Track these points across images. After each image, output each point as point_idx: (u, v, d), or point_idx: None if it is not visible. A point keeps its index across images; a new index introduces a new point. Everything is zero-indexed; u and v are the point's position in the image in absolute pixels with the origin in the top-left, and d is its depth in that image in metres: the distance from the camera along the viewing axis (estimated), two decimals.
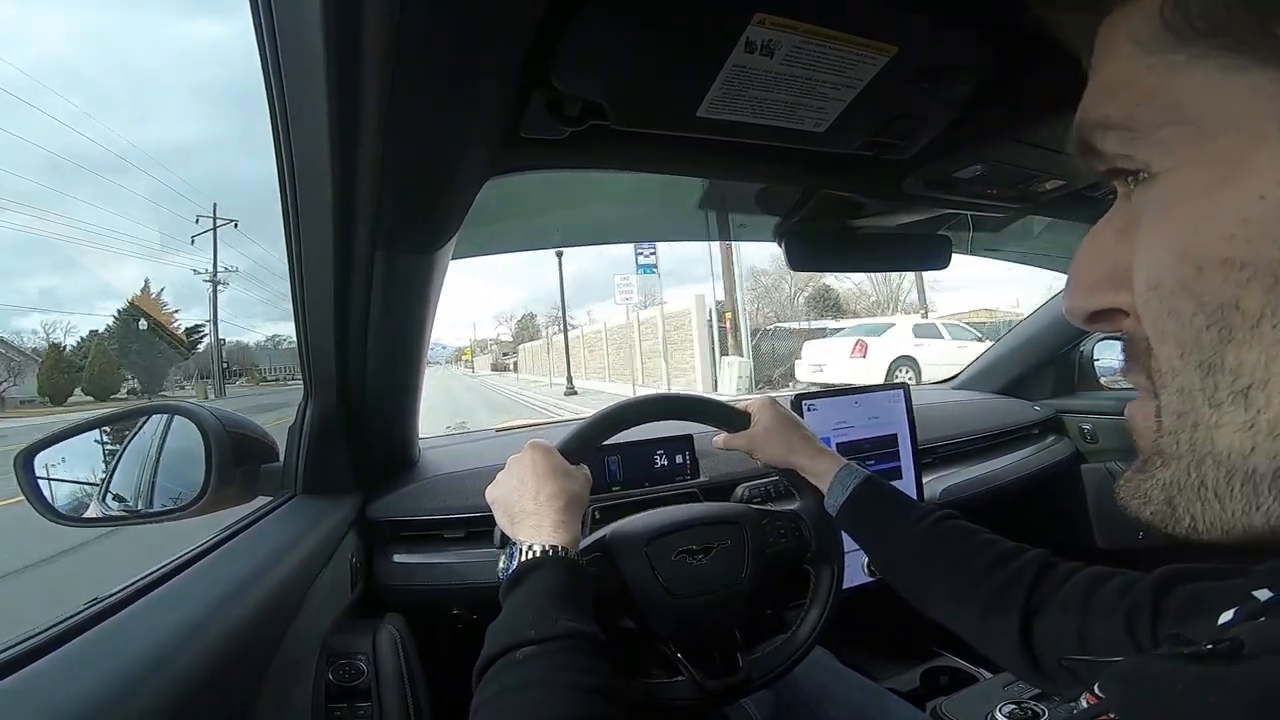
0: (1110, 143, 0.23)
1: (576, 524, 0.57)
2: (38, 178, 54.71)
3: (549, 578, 0.50)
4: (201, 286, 30.04)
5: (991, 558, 0.53)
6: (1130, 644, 0.41)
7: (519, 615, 0.48)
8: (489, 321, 71.53)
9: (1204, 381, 0.21)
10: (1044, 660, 0.48)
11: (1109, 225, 0.25)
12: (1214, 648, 0.23)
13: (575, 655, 0.45)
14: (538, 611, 0.48)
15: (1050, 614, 0.48)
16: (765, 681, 0.66)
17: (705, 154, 0.59)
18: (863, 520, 0.64)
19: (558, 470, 0.59)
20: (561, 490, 0.57)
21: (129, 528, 0.80)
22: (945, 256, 0.92)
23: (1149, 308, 0.22)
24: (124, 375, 34.29)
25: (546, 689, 0.42)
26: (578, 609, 0.49)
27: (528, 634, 0.45)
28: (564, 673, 0.43)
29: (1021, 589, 0.50)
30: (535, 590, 0.50)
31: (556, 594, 0.49)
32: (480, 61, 0.38)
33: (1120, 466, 1.32)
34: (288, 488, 0.78)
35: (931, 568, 0.58)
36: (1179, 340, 0.21)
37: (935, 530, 0.59)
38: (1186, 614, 0.39)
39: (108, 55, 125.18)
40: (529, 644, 0.45)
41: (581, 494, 0.60)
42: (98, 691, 0.37)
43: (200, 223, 33.58)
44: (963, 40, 0.45)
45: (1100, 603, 0.45)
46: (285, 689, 0.57)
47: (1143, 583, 0.43)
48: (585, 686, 0.43)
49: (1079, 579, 0.48)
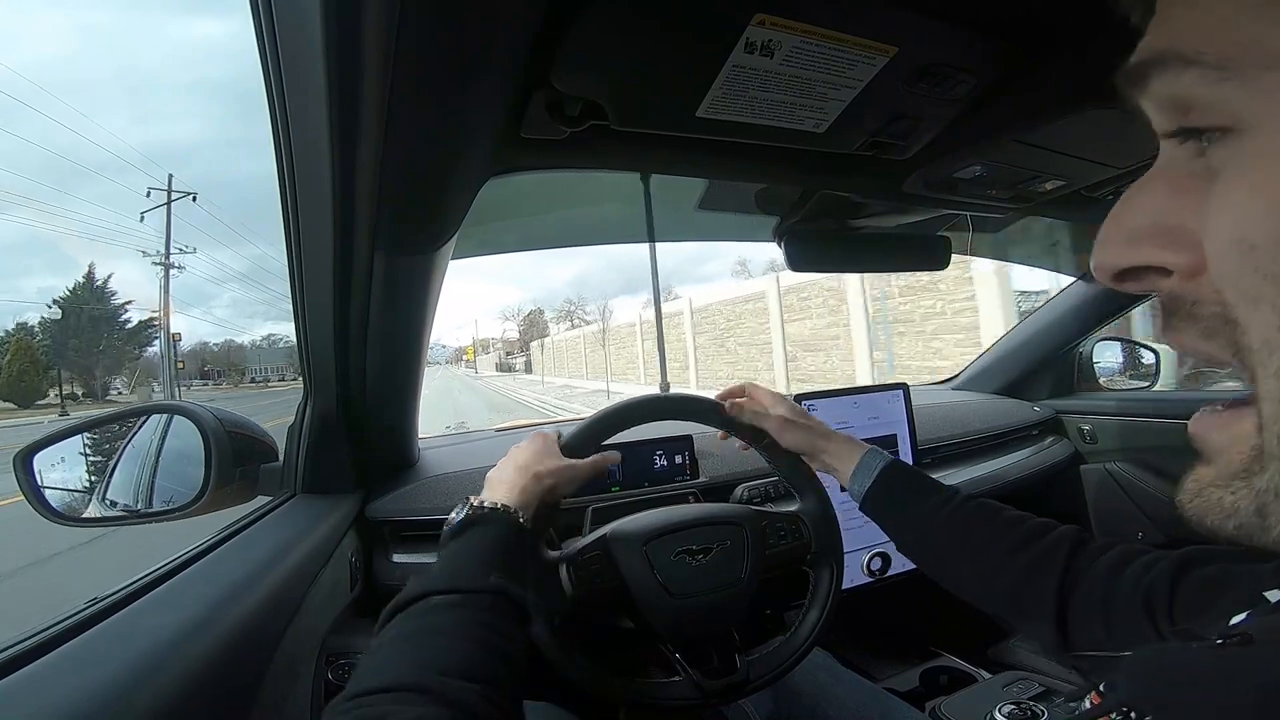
0: (1186, 83, 0.20)
1: (537, 493, 0.57)
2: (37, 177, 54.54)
3: (485, 532, 0.50)
4: (202, 286, 27.81)
5: (1021, 537, 0.54)
6: (1149, 624, 0.41)
7: (449, 564, 0.48)
8: (491, 320, 70.29)
9: None
10: (1076, 639, 0.48)
11: (1160, 179, 0.23)
12: (1224, 642, 0.23)
13: (491, 613, 0.43)
14: (467, 564, 0.47)
15: (1080, 595, 0.48)
16: (764, 682, 0.66)
17: (705, 154, 0.59)
18: (891, 502, 0.64)
19: (541, 451, 0.61)
20: (533, 464, 0.58)
21: (129, 528, 0.80)
22: (945, 257, 0.92)
23: (1237, 271, 0.20)
24: (56, 376, 28.79)
25: (449, 639, 0.40)
26: (509, 568, 0.48)
27: (451, 582, 0.44)
28: (474, 627, 0.42)
29: (1055, 570, 0.50)
30: (469, 544, 0.49)
31: (490, 549, 0.49)
32: (480, 62, 0.38)
33: (1119, 468, 1.32)
34: (287, 487, 0.78)
35: (960, 551, 0.58)
36: (1278, 306, 0.19)
37: (963, 509, 0.59)
38: (1202, 596, 0.39)
39: (106, 54, 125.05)
40: (450, 591, 0.43)
41: (559, 472, 0.60)
42: (97, 691, 0.37)
43: (152, 196, 28.60)
44: (962, 40, 0.45)
45: (1124, 583, 0.45)
46: (285, 688, 0.57)
47: (1164, 562, 0.43)
48: (491, 645, 0.41)
49: (1109, 557, 0.48)
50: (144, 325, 35.58)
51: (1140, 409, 1.31)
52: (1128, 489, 1.30)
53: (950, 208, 0.81)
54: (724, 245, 17.22)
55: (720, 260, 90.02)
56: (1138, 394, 1.42)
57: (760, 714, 0.80)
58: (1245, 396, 0.21)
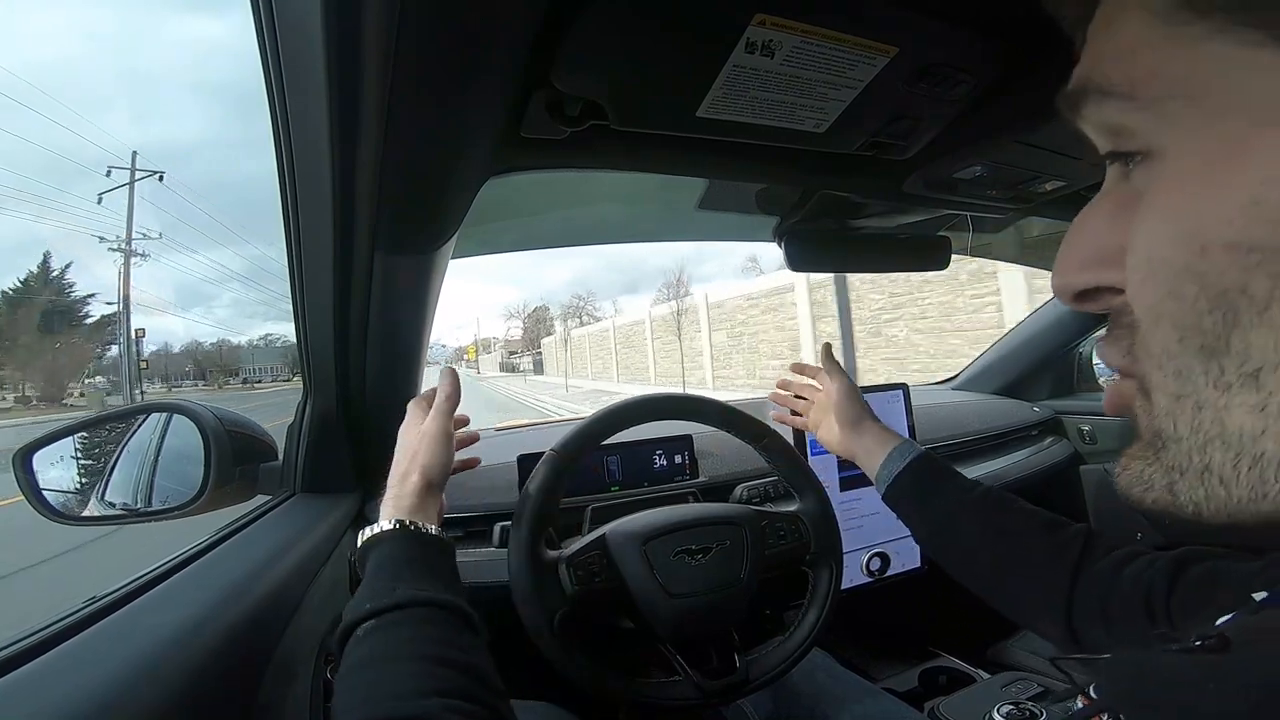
0: (1107, 111, 0.22)
1: (435, 499, 0.56)
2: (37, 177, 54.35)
3: (390, 549, 0.49)
4: (200, 287, 25.97)
5: (1040, 525, 0.55)
6: (1149, 624, 0.42)
7: (360, 593, 0.46)
8: (494, 319, 68.83)
9: (1207, 364, 0.20)
10: (1083, 638, 0.49)
11: (1100, 206, 0.24)
12: (1202, 643, 0.23)
13: (419, 625, 0.42)
14: (373, 585, 0.46)
15: (1083, 589, 0.49)
16: (763, 682, 0.66)
17: (705, 154, 0.59)
18: (918, 491, 0.65)
19: (412, 445, 0.58)
20: (422, 468, 0.56)
21: (129, 527, 0.80)
22: (945, 257, 0.92)
23: (1145, 287, 0.22)
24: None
25: (386, 665, 0.39)
26: (423, 578, 0.47)
27: (364, 608, 0.43)
28: (406, 645, 0.40)
29: (1069, 561, 0.51)
30: (376, 564, 0.48)
31: (397, 564, 0.47)
32: (480, 62, 0.38)
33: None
34: (287, 486, 0.78)
35: (984, 537, 0.59)
36: (1178, 323, 0.21)
37: (984, 502, 0.60)
38: (1196, 596, 0.40)
39: (105, 52, 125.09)
40: (367, 618, 0.42)
41: (428, 466, 0.56)
42: (96, 690, 0.37)
43: (113, 175, 25.93)
44: (963, 40, 0.45)
45: (1124, 581, 0.46)
46: (284, 688, 0.57)
47: (1161, 560, 0.44)
48: (431, 656, 0.40)
49: (1113, 556, 0.49)
50: (107, 320, 32.04)
51: None
52: None
53: (950, 208, 0.81)
54: (722, 245, 16.95)
55: (719, 260, 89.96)
56: None
57: (760, 714, 0.80)
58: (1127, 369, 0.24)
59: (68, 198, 54.12)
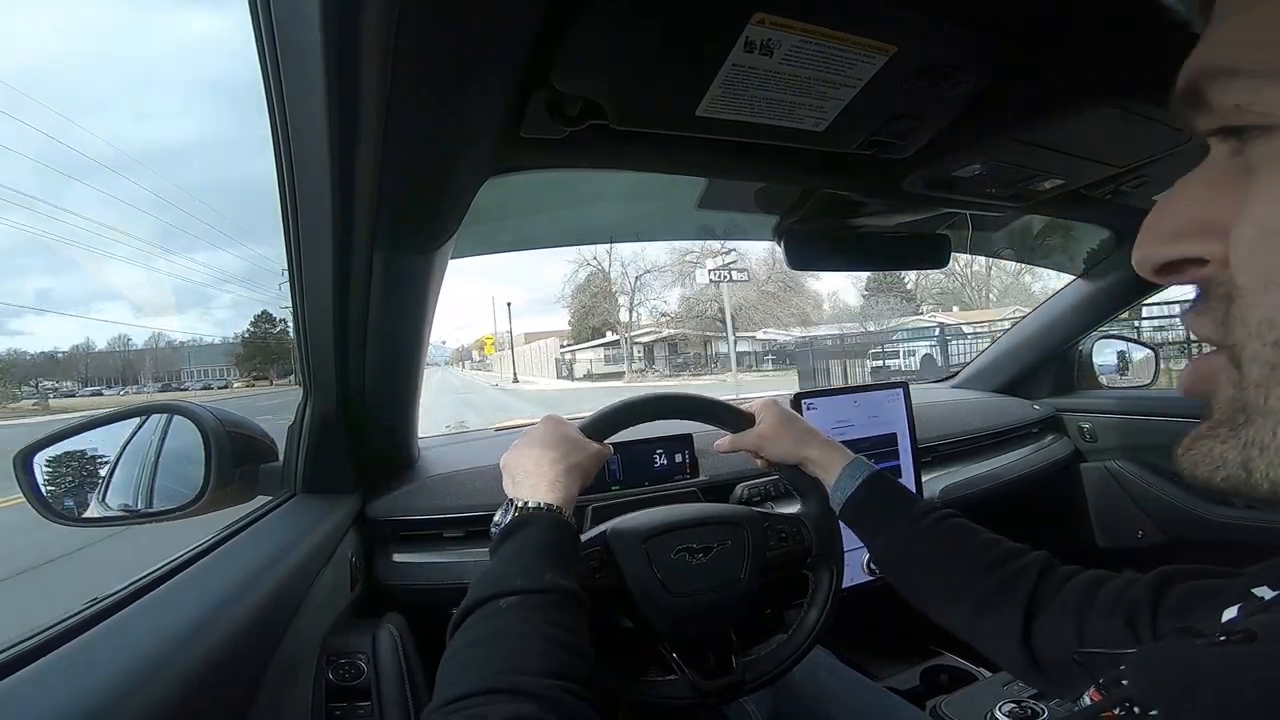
0: (1234, 91, 0.22)
1: (574, 486, 0.58)
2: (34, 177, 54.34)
3: (538, 533, 0.51)
4: (199, 289, 23.96)
5: (993, 557, 0.54)
6: (1132, 640, 0.41)
7: (506, 568, 0.48)
8: (524, 304, 59.23)
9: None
10: (1042, 659, 0.48)
11: (1201, 178, 0.24)
12: (1226, 639, 0.23)
13: (557, 611, 0.45)
14: (524, 565, 0.48)
15: (1050, 614, 0.48)
16: (760, 683, 0.66)
17: (705, 154, 0.59)
18: (867, 514, 0.64)
19: (564, 438, 0.60)
20: (563, 455, 0.58)
21: (129, 527, 0.80)
22: (944, 256, 0.92)
23: (1255, 257, 0.21)
24: None
25: (524, 640, 0.42)
26: (564, 566, 0.49)
27: (514, 584, 0.45)
28: (544, 626, 0.43)
29: (1024, 589, 0.50)
30: (524, 545, 0.50)
31: (544, 549, 0.50)
32: (480, 62, 0.38)
33: (1120, 466, 1.32)
34: (287, 487, 0.78)
35: (931, 564, 0.58)
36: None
37: (938, 528, 0.59)
38: (1186, 609, 0.39)
39: (103, 50, 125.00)
40: (513, 594, 0.45)
41: (585, 462, 0.60)
42: (98, 691, 0.37)
43: None
44: (962, 40, 0.45)
45: (1100, 603, 0.45)
46: (285, 688, 0.57)
47: (1139, 582, 0.44)
48: (564, 643, 0.42)
49: (1079, 580, 0.49)
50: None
51: (1140, 407, 1.31)
52: (1128, 487, 1.30)
53: (950, 206, 0.81)
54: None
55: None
56: (1138, 392, 1.42)
57: (761, 712, 0.80)
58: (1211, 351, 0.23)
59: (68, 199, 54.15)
